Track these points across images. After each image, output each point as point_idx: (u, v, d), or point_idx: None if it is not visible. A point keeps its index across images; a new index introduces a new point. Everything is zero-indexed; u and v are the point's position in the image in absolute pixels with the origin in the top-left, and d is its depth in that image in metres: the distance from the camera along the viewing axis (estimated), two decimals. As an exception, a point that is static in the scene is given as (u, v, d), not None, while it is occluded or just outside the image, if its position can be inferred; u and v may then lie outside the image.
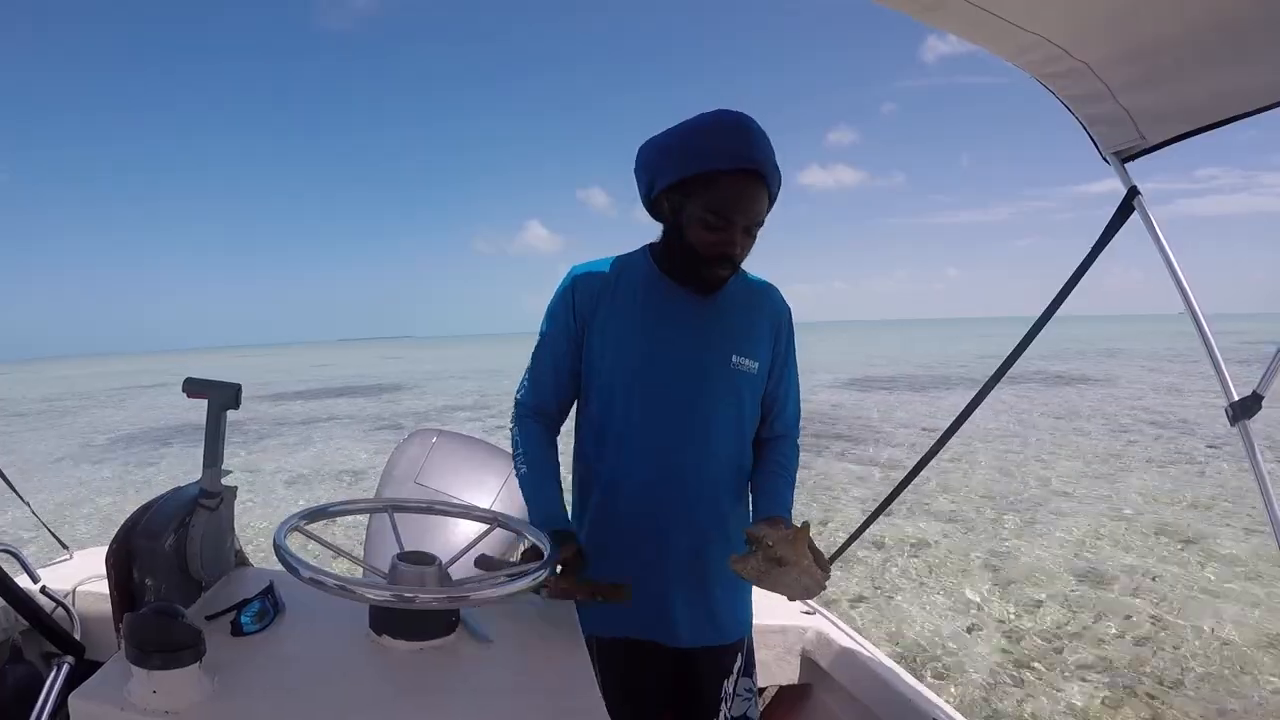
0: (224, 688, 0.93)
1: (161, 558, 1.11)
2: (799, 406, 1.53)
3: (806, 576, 1.19)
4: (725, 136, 1.25)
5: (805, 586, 1.19)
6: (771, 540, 1.20)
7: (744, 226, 1.29)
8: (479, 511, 1.36)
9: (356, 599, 0.98)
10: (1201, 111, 1.30)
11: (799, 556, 1.20)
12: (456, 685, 1.00)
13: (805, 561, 1.20)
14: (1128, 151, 1.44)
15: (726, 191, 1.25)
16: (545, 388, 1.45)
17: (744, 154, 1.24)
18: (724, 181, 1.25)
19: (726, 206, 1.26)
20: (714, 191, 1.25)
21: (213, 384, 1.17)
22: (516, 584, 1.01)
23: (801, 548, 1.20)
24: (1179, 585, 5.33)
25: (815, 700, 2.18)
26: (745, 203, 1.26)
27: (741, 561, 1.22)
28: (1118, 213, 1.47)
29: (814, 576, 1.20)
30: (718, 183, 1.25)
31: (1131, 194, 1.43)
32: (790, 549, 1.20)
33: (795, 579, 1.18)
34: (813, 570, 1.20)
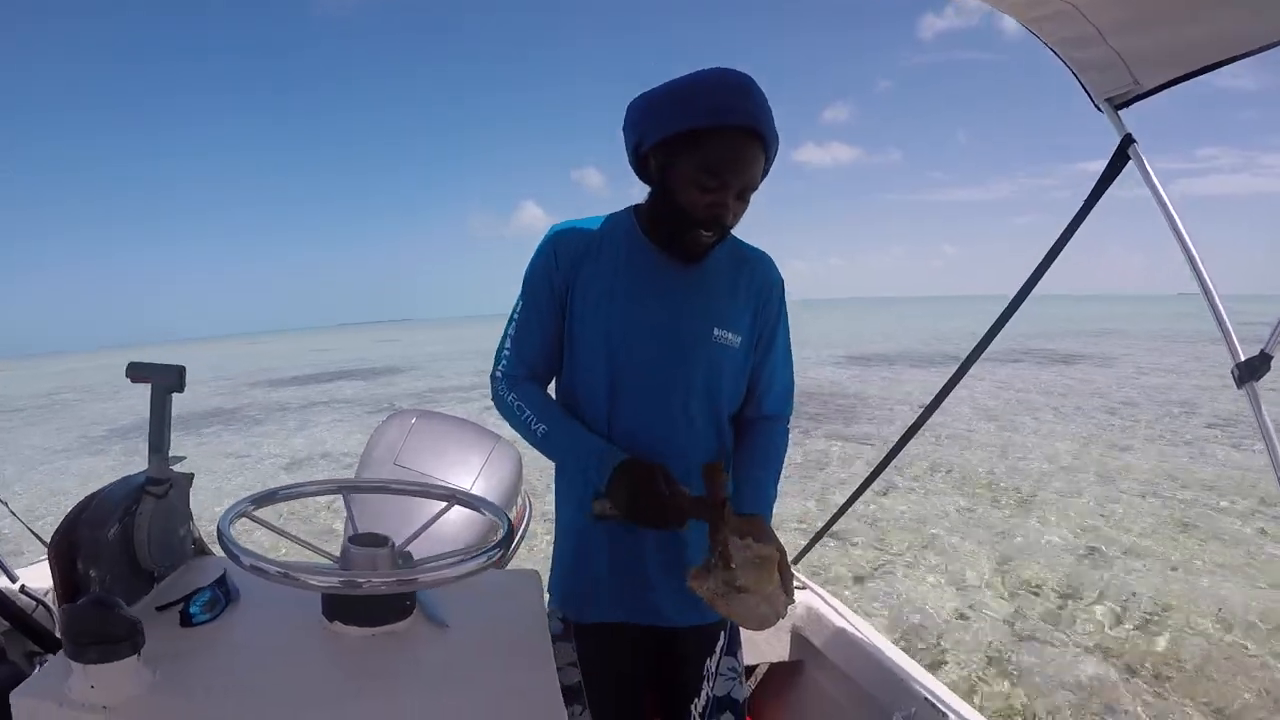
0: (166, 680, 0.89)
1: (105, 548, 1.06)
2: (791, 386, 1.45)
3: (766, 605, 1.10)
4: (723, 93, 1.17)
5: (763, 616, 1.10)
6: (736, 562, 1.10)
7: (737, 189, 1.21)
8: (436, 489, 1.30)
9: (299, 586, 0.93)
10: (1197, 53, 1.23)
11: (763, 584, 1.10)
12: (409, 671, 0.96)
13: (770, 589, 1.11)
14: (1121, 98, 1.36)
15: (722, 150, 1.17)
16: (531, 351, 1.35)
17: (743, 111, 1.16)
18: (719, 139, 1.16)
19: (721, 166, 1.17)
20: (708, 149, 1.17)
21: (155, 367, 1.12)
22: (469, 564, 0.96)
23: (769, 574, 1.11)
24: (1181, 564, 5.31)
25: (806, 677, 2.15)
26: (741, 163, 1.18)
27: (700, 578, 1.12)
28: (1112, 162, 1.40)
29: (775, 605, 1.10)
30: (712, 140, 1.17)
31: (1126, 142, 1.36)
32: (755, 576, 1.10)
33: (753, 608, 1.09)
34: (776, 598, 1.11)
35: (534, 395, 1.33)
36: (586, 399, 1.33)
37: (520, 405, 1.31)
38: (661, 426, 1.31)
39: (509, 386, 1.34)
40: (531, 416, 1.30)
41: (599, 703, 1.36)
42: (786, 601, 1.13)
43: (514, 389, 1.34)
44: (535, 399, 1.32)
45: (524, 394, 1.33)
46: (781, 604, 1.12)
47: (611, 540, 1.34)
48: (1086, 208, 1.49)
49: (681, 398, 1.31)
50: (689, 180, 1.19)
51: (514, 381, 1.35)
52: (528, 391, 1.33)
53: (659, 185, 1.25)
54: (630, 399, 1.31)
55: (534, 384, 1.35)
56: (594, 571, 1.36)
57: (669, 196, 1.23)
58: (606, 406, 1.31)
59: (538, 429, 1.29)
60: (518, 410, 1.31)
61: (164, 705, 0.86)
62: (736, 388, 1.38)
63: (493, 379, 1.37)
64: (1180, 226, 1.27)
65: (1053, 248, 1.57)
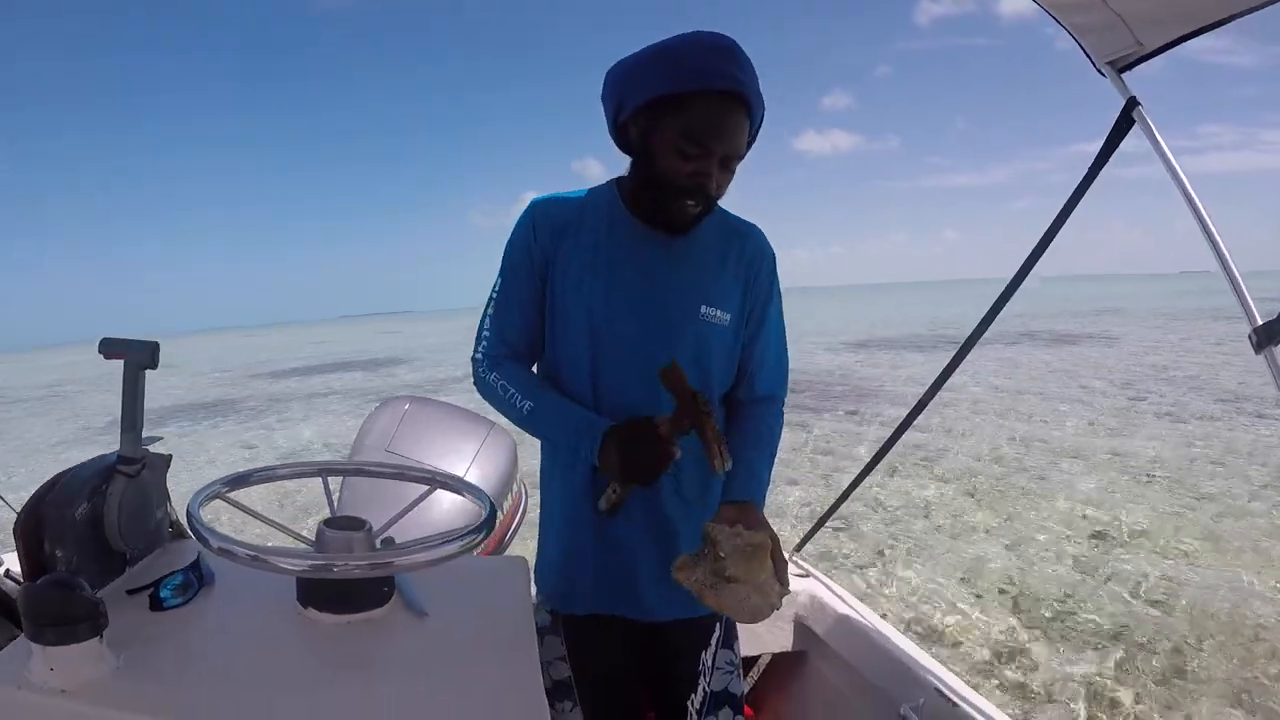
0: (130, 664, 0.86)
1: (73, 527, 1.02)
2: (785, 365, 1.39)
3: (757, 596, 1.03)
4: (705, 55, 1.11)
5: (754, 608, 1.04)
6: (725, 550, 1.04)
7: (721, 156, 1.14)
8: (416, 472, 1.26)
9: (269, 569, 0.89)
10: (1199, 10, 1.17)
11: (754, 573, 1.04)
12: (385, 659, 0.93)
13: (761, 578, 1.04)
14: (1124, 60, 1.31)
15: (704, 114, 1.11)
16: (512, 330, 1.29)
17: (726, 74, 1.10)
18: (701, 104, 1.11)
19: (703, 131, 1.12)
20: (689, 114, 1.11)
21: (129, 343, 1.09)
22: (446, 548, 0.92)
23: (760, 563, 1.05)
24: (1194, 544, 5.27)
25: (810, 668, 2.10)
26: (724, 129, 1.13)
27: (687, 569, 1.06)
28: (1116, 126, 1.34)
29: (767, 596, 1.04)
30: (694, 105, 1.11)
31: (1130, 105, 1.30)
32: (745, 565, 1.04)
33: (744, 599, 1.03)
34: (768, 588, 1.05)
35: (517, 373, 1.28)
36: (569, 380, 1.28)
37: (503, 384, 1.26)
38: (647, 408, 1.24)
39: (490, 366, 1.28)
40: (515, 394, 1.25)
41: (590, 698, 1.32)
42: (781, 591, 1.07)
43: (495, 368, 1.28)
44: (518, 376, 1.27)
45: (506, 372, 1.27)
46: (775, 594, 1.06)
47: (599, 529, 1.28)
48: (1092, 173, 1.43)
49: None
50: (670, 147, 1.14)
51: (495, 361, 1.29)
52: (510, 370, 1.28)
53: (640, 154, 1.20)
54: (614, 380, 1.25)
55: (516, 362, 1.30)
56: (582, 561, 1.31)
57: (650, 165, 1.17)
58: (590, 388, 1.26)
59: (523, 406, 1.24)
60: (500, 390, 1.26)
61: (127, 690, 0.83)
62: (726, 367, 1.32)
63: (474, 361, 1.31)
64: (1189, 188, 1.22)
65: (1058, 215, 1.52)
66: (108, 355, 1.10)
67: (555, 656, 1.33)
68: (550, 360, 1.31)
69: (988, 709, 1.55)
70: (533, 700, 0.88)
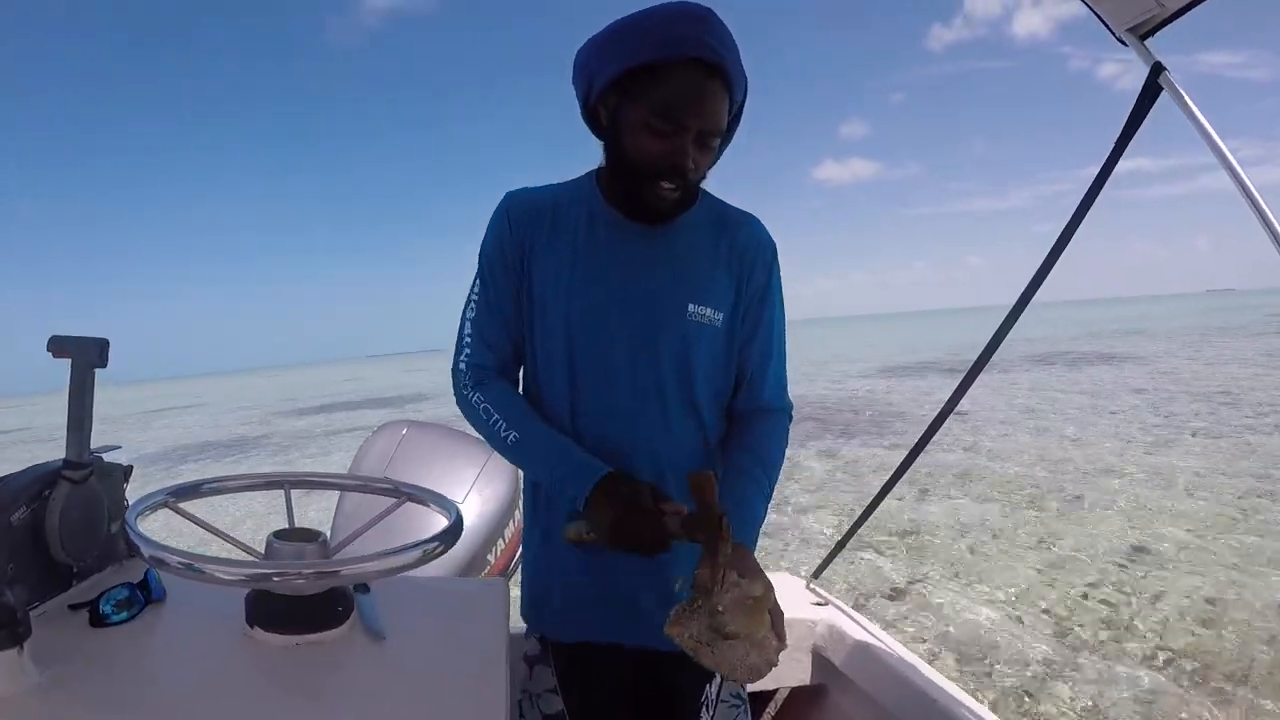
0: (56, 680, 0.80)
1: (8, 533, 0.95)
2: (784, 372, 1.26)
3: (756, 653, 0.95)
4: (677, 23, 1.02)
5: (753, 666, 0.94)
6: (723, 604, 0.95)
7: (698, 133, 1.03)
8: (379, 484, 1.18)
9: (203, 579, 0.81)
10: None
11: (754, 629, 0.95)
12: (334, 685, 0.85)
13: (761, 633, 0.96)
14: (1145, 25, 1.21)
15: (676, 86, 1.01)
16: (495, 333, 1.18)
17: (699, 41, 1.00)
18: (674, 75, 1.01)
19: (676, 105, 1.01)
20: (661, 88, 1.01)
21: (77, 340, 1.03)
22: (400, 557, 0.83)
23: (760, 617, 0.96)
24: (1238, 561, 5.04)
25: (830, 702, 1.96)
26: (699, 102, 1.02)
27: (680, 624, 0.95)
28: (1142, 96, 1.24)
29: (767, 654, 0.95)
30: (666, 77, 1.01)
31: (1156, 71, 1.20)
32: (745, 620, 0.95)
33: (743, 657, 0.94)
34: (766, 644, 0.96)
35: (503, 397, 1.16)
36: (548, 389, 1.17)
37: (487, 407, 1.15)
38: (631, 421, 1.14)
39: (474, 384, 1.17)
40: (500, 421, 1.13)
41: None
42: (778, 648, 0.98)
43: (479, 388, 1.17)
44: (504, 401, 1.16)
45: (491, 395, 1.16)
46: (774, 651, 0.97)
47: (597, 557, 1.16)
48: (1120, 147, 1.33)
49: (653, 386, 1.14)
50: (641, 125, 1.04)
51: (481, 375, 1.18)
52: (496, 393, 1.16)
53: (611, 136, 1.10)
54: (594, 388, 1.14)
55: (502, 382, 1.19)
56: (571, 585, 1.20)
57: (622, 147, 1.08)
58: (568, 398, 1.15)
59: (507, 436, 1.12)
60: (484, 413, 1.15)
61: (47, 707, 0.76)
62: (718, 374, 1.20)
63: (455, 372, 1.20)
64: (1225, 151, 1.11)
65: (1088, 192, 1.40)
66: (56, 354, 1.04)
67: (546, 689, 1.21)
68: (529, 370, 1.21)
69: None
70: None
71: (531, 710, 1.21)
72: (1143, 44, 1.23)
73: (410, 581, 1.15)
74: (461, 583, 1.17)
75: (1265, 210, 1.04)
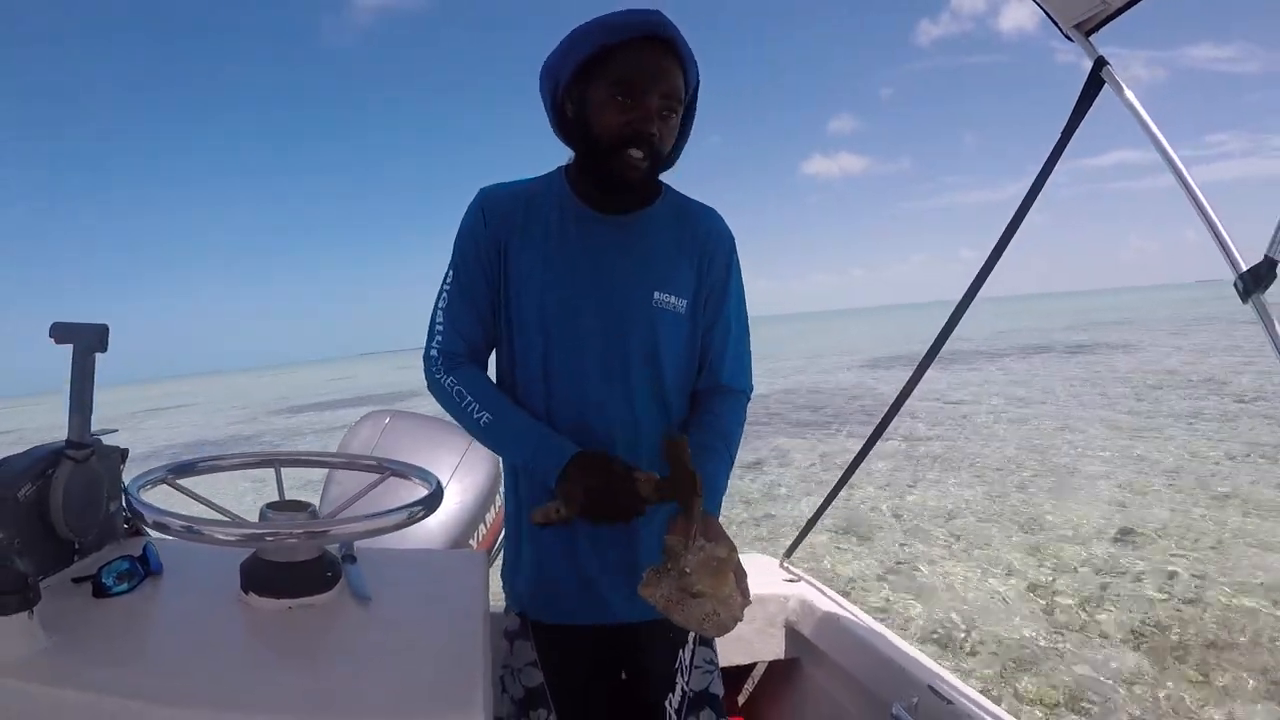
0: (64, 643, 0.85)
1: (14, 508, 1.00)
2: (747, 355, 1.33)
3: (723, 610, 1.02)
4: (627, 14, 1.12)
5: (720, 622, 1.02)
6: (690, 566, 1.02)
7: (657, 100, 1.12)
8: (364, 460, 1.24)
9: (204, 540, 0.87)
10: None
11: (719, 587, 1.02)
12: (325, 643, 0.91)
13: (725, 591, 1.03)
14: (1090, 22, 1.29)
15: (634, 60, 1.11)
16: (467, 323, 1.23)
17: (648, 22, 1.11)
18: (629, 52, 1.11)
19: (634, 77, 1.11)
20: (618, 64, 1.11)
21: (78, 326, 1.09)
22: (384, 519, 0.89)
23: (725, 576, 1.03)
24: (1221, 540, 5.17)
25: (804, 674, 2.03)
26: (655, 71, 1.11)
27: (652, 585, 1.03)
28: (1086, 88, 1.32)
29: (731, 610, 1.02)
30: (622, 54, 1.11)
31: (1098, 65, 1.27)
32: (710, 579, 1.02)
33: (710, 614, 1.01)
34: (731, 601, 1.03)
35: (474, 380, 1.22)
36: (523, 377, 1.23)
37: (459, 390, 1.20)
38: (602, 403, 1.20)
39: (447, 368, 1.23)
40: (472, 403, 1.19)
41: (565, 704, 1.26)
42: (743, 604, 1.05)
43: (452, 372, 1.22)
44: (476, 384, 1.21)
45: (463, 378, 1.21)
46: (739, 607, 1.04)
47: (569, 537, 1.23)
48: (1063, 140, 1.40)
49: (621, 369, 1.21)
50: (606, 102, 1.12)
51: (452, 361, 1.23)
52: (468, 376, 1.22)
53: (580, 125, 1.17)
54: (567, 373, 1.20)
55: (473, 367, 1.25)
56: (551, 568, 1.26)
57: (590, 128, 1.15)
58: (542, 383, 1.21)
59: (480, 417, 1.18)
60: (456, 396, 1.20)
61: (58, 667, 0.81)
62: (683, 357, 1.27)
63: (426, 359, 1.25)
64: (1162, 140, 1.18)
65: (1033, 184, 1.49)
66: (58, 340, 1.09)
67: (526, 662, 1.26)
68: (503, 353, 1.27)
69: (982, 702, 1.48)
70: (470, 686, 0.84)
71: (513, 684, 1.27)
72: (1087, 39, 1.30)
73: (394, 554, 1.22)
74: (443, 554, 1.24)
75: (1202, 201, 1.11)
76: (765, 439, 10.57)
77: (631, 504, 1.08)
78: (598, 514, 1.09)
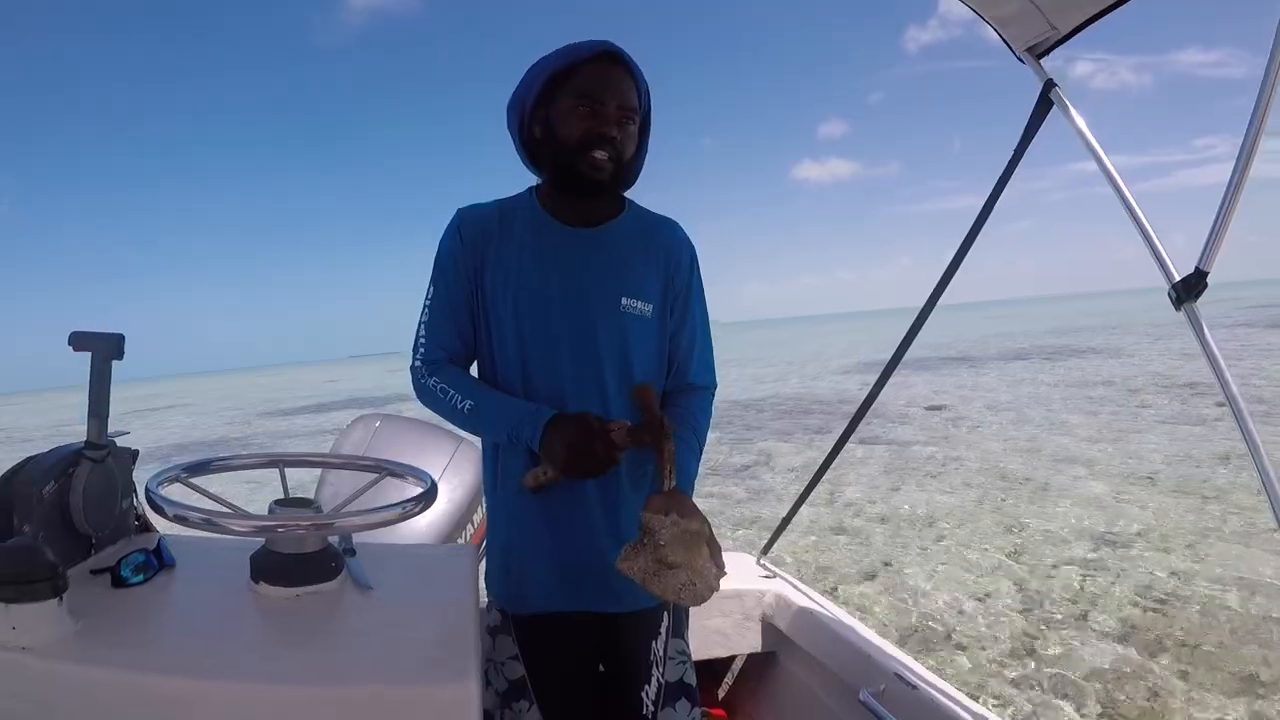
0: (90, 628, 0.91)
1: (39, 505, 1.07)
2: (710, 354, 1.44)
3: (698, 580, 1.08)
4: (581, 41, 1.25)
5: (695, 592, 1.08)
6: (664, 539, 1.09)
7: (616, 108, 1.24)
8: (364, 461, 1.33)
9: (222, 531, 0.95)
10: None
11: (693, 559, 1.09)
12: (331, 626, 0.98)
13: (699, 562, 1.09)
14: (1041, 46, 1.38)
15: (591, 74, 1.23)
16: (448, 336, 1.34)
17: (601, 43, 1.24)
18: (587, 69, 1.23)
19: (593, 87, 1.23)
20: (577, 80, 1.23)
21: (97, 336, 1.16)
22: (384, 513, 0.97)
23: (698, 548, 1.10)
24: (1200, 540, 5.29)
25: (780, 667, 2.12)
26: (611, 81, 1.24)
27: (630, 559, 1.10)
28: (1036, 109, 1.42)
29: (706, 580, 1.09)
30: (581, 71, 1.23)
31: (1048, 87, 1.37)
32: (684, 551, 1.08)
33: (685, 584, 1.08)
34: (705, 572, 1.09)
35: (455, 375, 1.32)
36: (503, 377, 1.32)
37: (443, 387, 1.30)
38: (578, 403, 1.28)
39: (430, 372, 1.32)
40: (456, 395, 1.28)
41: (547, 695, 1.32)
42: (718, 574, 1.12)
43: (435, 373, 1.32)
44: (457, 378, 1.31)
45: (445, 376, 1.31)
46: (714, 578, 1.11)
47: (551, 526, 1.31)
48: (1015, 159, 1.50)
49: (594, 371, 1.30)
50: (569, 114, 1.23)
51: (434, 366, 1.33)
52: (449, 373, 1.32)
53: (548, 139, 1.28)
54: (544, 377, 1.29)
55: (453, 367, 1.35)
56: (533, 561, 1.33)
57: (557, 139, 1.26)
58: (520, 383, 1.30)
59: (463, 406, 1.27)
60: (441, 393, 1.29)
61: (86, 649, 0.87)
62: (652, 358, 1.36)
63: (413, 370, 1.35)
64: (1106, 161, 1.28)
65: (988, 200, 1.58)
66: (77, 347, 1.16)
67: (508, 656, 1.33)
68: (484, 361, 1.36)
69: (946, 688, 1.57)
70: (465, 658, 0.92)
71: (497, 677, 1.33)
72: (1038, 62, 1.40)
73: (390, 549, 1.30)
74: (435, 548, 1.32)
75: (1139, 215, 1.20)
76: (753, 443, 10.69)
77: (608, 452, 1.18)
78: (579, 466, 1.19)
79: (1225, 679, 3.47)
